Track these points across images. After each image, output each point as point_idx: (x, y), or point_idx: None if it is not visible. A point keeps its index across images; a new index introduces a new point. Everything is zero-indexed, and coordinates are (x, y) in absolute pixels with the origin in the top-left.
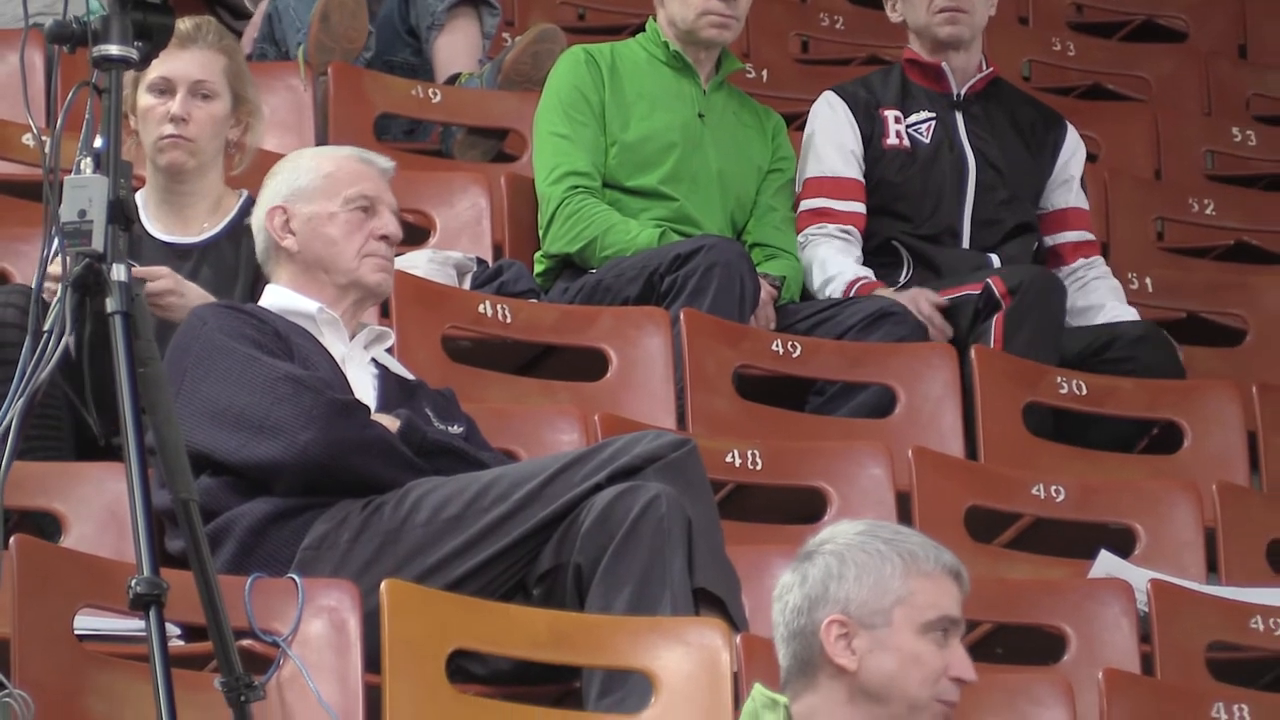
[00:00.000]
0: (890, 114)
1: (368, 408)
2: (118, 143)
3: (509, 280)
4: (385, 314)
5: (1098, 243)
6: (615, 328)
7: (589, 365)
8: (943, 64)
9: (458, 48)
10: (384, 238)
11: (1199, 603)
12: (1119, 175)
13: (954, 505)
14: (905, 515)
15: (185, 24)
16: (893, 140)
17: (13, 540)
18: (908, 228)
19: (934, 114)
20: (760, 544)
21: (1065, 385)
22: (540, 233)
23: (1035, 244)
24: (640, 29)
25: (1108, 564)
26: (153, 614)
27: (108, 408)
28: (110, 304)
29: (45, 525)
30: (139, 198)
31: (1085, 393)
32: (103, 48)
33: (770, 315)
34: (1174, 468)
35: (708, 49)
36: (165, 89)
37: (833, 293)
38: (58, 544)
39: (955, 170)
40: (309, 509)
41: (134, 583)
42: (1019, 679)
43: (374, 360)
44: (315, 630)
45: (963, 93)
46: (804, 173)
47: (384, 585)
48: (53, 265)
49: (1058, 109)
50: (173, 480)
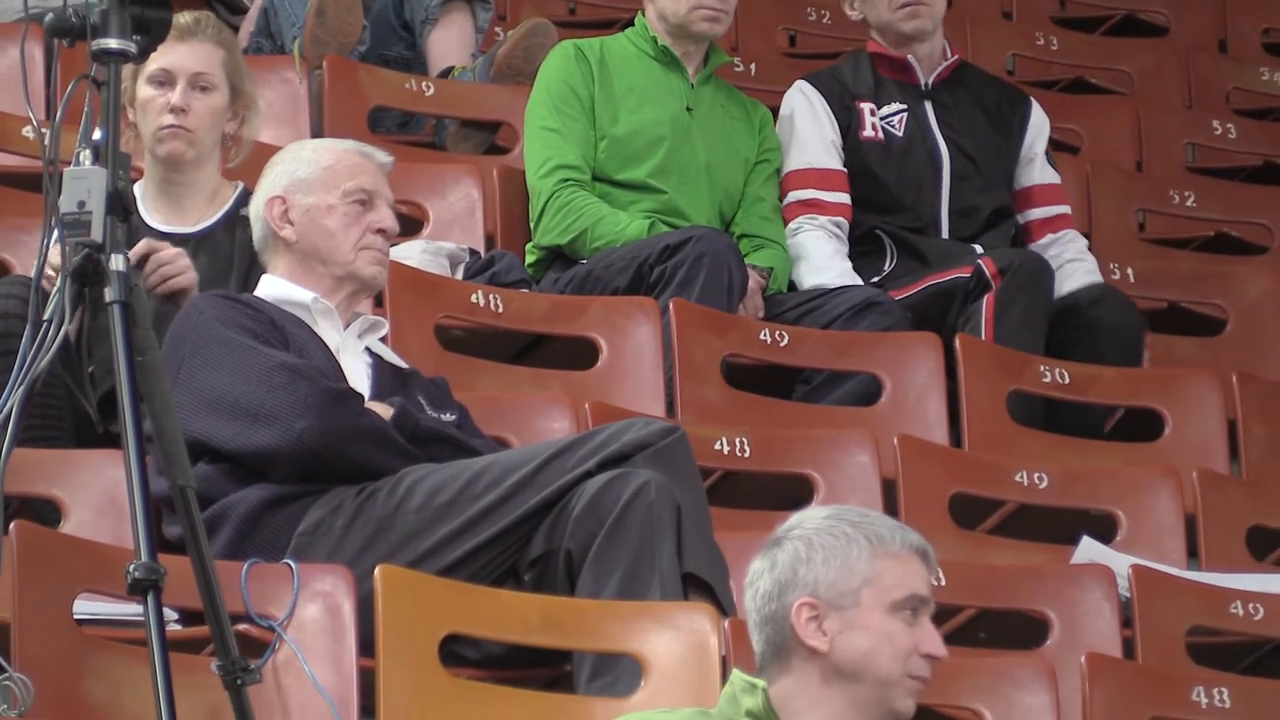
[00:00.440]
0: (865, 106)
1: (362, 396)
2: (116, 135)
3: (501, 271)
4: (379, 304)
5: (1068, 216)
6: (605, 317)
7: (579, 354)
8: (908, 56)
9: (451, 42)
10: (381, 231)
11: (1179, 588)
12: (1101, 167)
13: (939, 492)
14: (890, 502)
15: (185, 18)
16: (869, 133)
17: (13, 526)
18: (888, 219)
19: (905, 105)
20: (748, 530)
21: (1049, 374)
22: (531, 225)
23: (1013, 229)
24: (630, 23)
25: (1090, 550)
26: (150, 599)
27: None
28: (109, 293)
29: (45, 511)
30: (137, 189)
31: (1068, 381)
32: (101, 41)
33: (759, 304)
34: (1155, 455)
35: (697, 42)
36: (165, 80)
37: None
38: (57, 530)
39: (930, 162)
40: (304, 496)
41: (132, 568)
42: (1002, 663)
43: (368, 349)
44: (310, 615)
45: (930, 81)
46: (788, 164)
47: (378, 570)
48: (52, 254)
49: (1041, 102)
50: (170, 467)
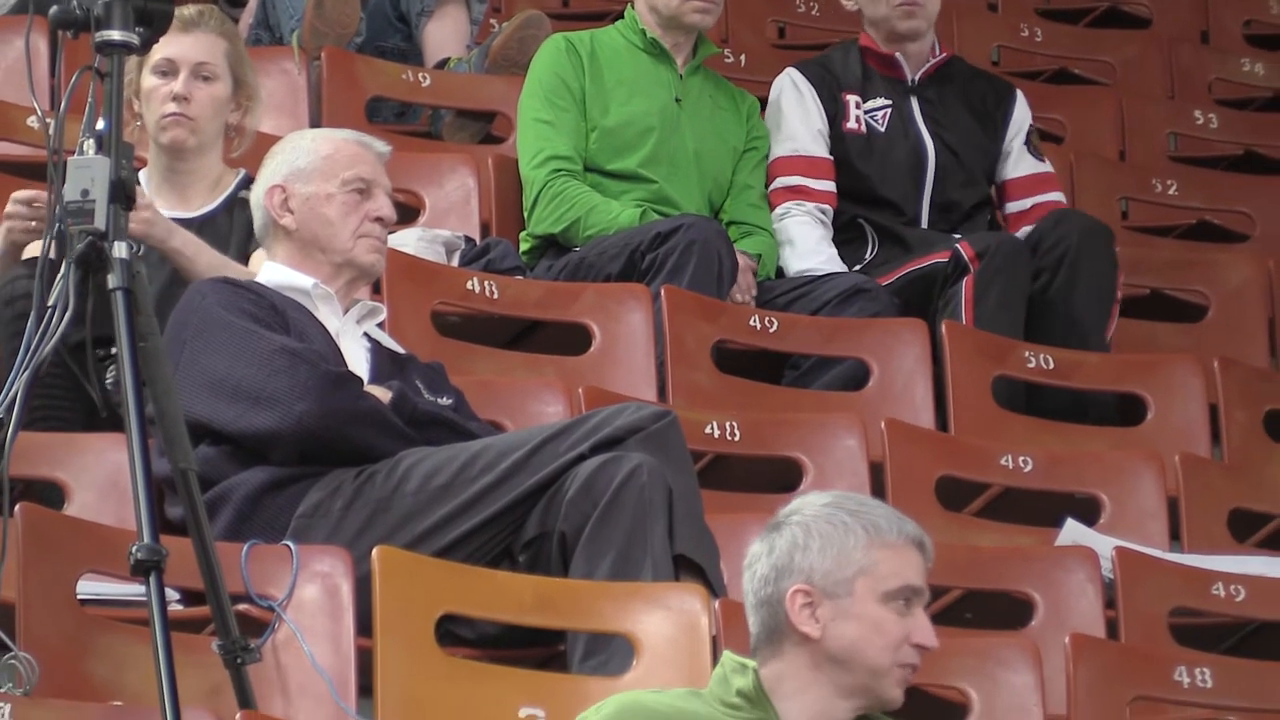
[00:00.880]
0: (851, 98)
1: (361, 379)
2: (119, 125)
3: (496, 258)
4: (377, 290)
5: (1047, 203)
6: (598, 304)
7: (573, 340)
8: (897, 54)
9: (446, 34)
10: (379, 219)
11: (1162, 570)
12: (1085, 157)
13: (925, 475)
14: (878, 485)
15: (189, 10)
16: (852, 125)
17: (17, 508)
18: (869, 210)
19: (890, 101)
20: (738, 512)
21: (1033, 359)
22: (525, 214)
23: (988, 220)
24: (623, 16)
25: (1074, 532)
26: (153, 579)
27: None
28: (112, 280)
29: (49, 494)
30: (141, 176)
31: (1052, 366)
32: (105, 33)
33: (750, 282)
34: (1138, 439)
35: (687, 34)
36: (168, 70)
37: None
38: (61, 512)
39: (913, 157)
40: (303, 478)
41: (135, 549)
42: (988, 643)
43: (366, 334)
44: (309, 595)
45: (916, 78)
46: (775, 150)
47: (375, 552)
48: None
49: (1026, 93)
50: (172, 450)
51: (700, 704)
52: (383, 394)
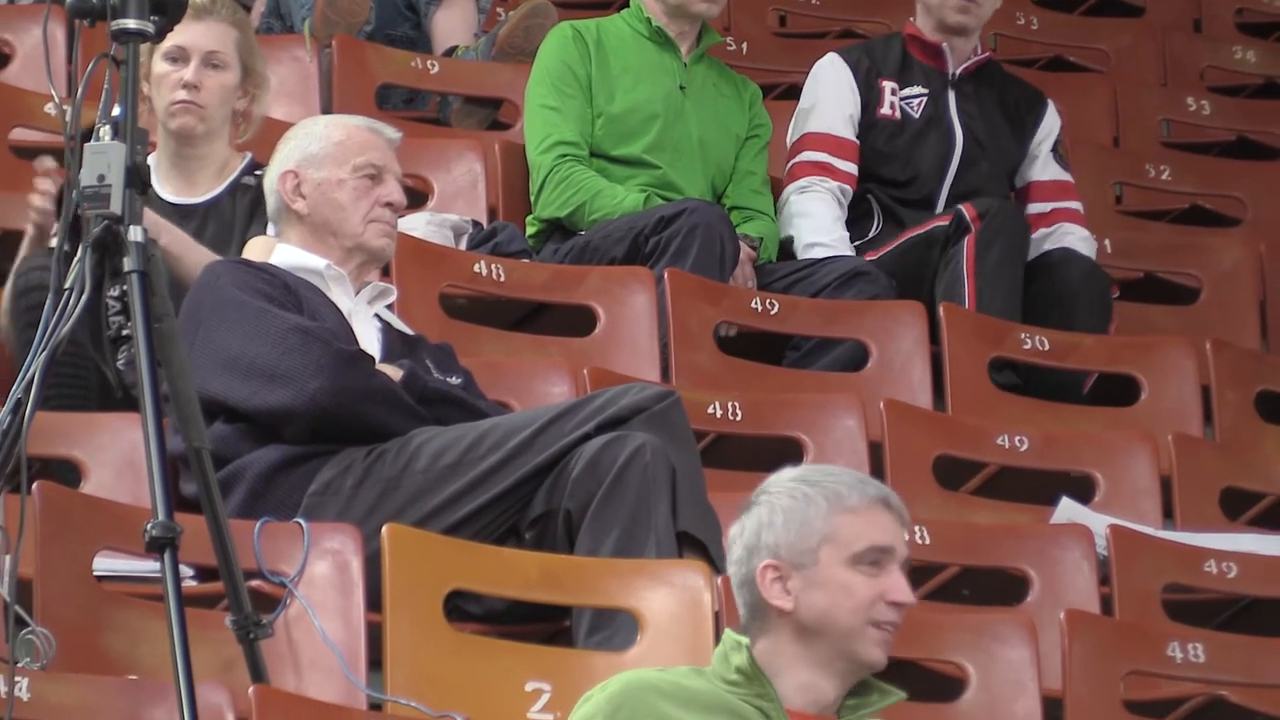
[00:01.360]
0: (888, 85)
1: (373, 358)
2: (135, 111)
3: (503, 241)
4: (386, 273)
5: (1069, 210)
6: (603, 286)
7: (578, 322)
8: (943, 44)
9: (454, 22)
10: (389, 204)
11: (1155, 547)
12: (1080, 143)
13: (923, 454)
14: (877, 464)
15: None
16: (886, 110)
17: (35, 486)
18: (885, 189)
19: (928, 90)
20: (740, 491)
21: (1029, 341)
22: (531, 198)
23: None
24: (626, 4)
25: (1069, 510)
26: (167, 556)
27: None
28: (127, 263)
29: (66, 472)
30: (150, 161)
31: (1048, 348)
32: (121, 22)
33: (750, 274)
34: (1131, 419)
35: (692, 22)
36: (179, 57)
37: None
38: (78, 490)
39: (942, 145)
40: (315, 456)
41: (150, 526)
42: (985, 619)
43: (377, 315)
44: (320, 572)
45: (957, 72)
46: (806, 126)
47: (385, 529)
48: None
49: (1032, 85)
50: (186, 429)
51: (703, 681)
52: (394, 372)
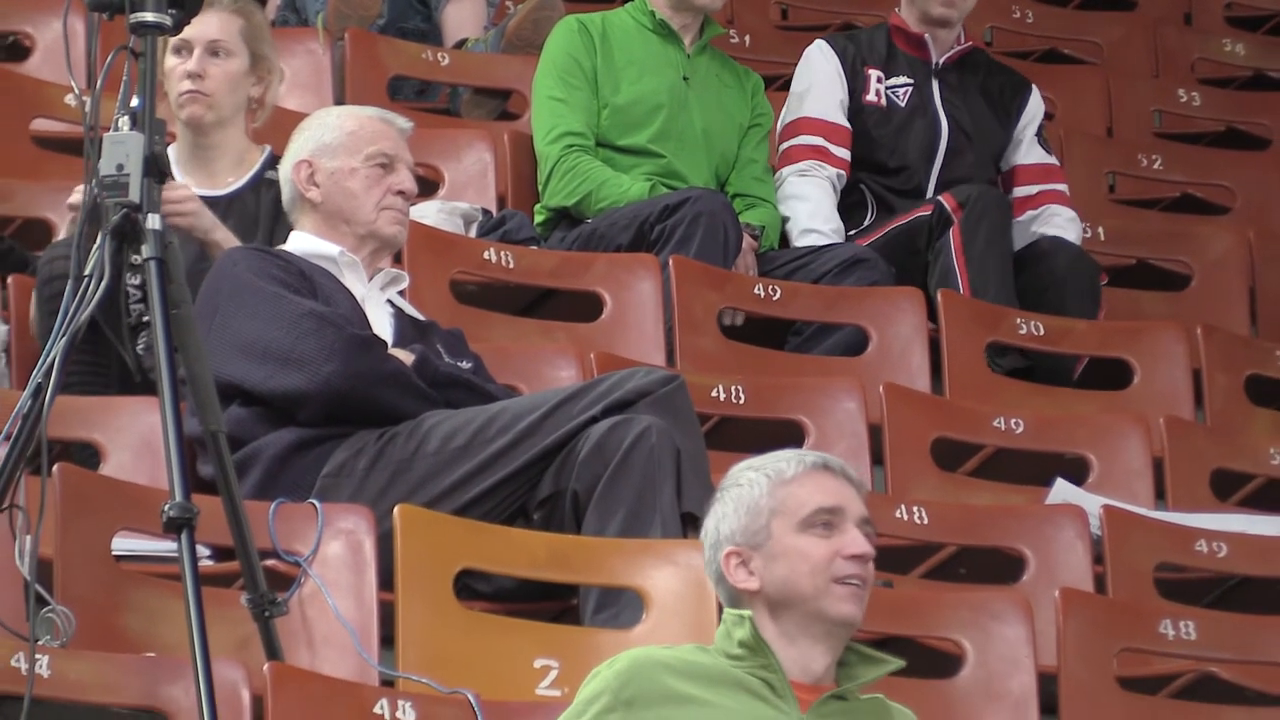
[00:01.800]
0: (874, 73)
1: (385, 342)
2: (153, 102)
3: (511, 229)
4: (398, 259)
5: (1054, 192)
6: (609, 273)
7: (585, 307)
8: (926, 35)
9: (465, 15)
10: (401, 193)
11: (1148, 527)
12: (1073, 133)
13: (921, 436)
14: (876, 446)
15: None
16: (871, 98)
17: (55, 468)
18: (877, 179)
19: (912, 80)
20: None
21: (1024, 326)
22: (539, 187)
23: None
24: None
25: (1063, 491)
26: (184, 536)
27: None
28: (146, 251)
29: (85, 454)
30: (170, 153)
31: (1043, 333)
32: (139, 15)
33: (751, 263)
34: (1124, 402)
35: (695, 15)
36: (183, 48)
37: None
38: (97, 472)
39: (928, 134)
40: (329, 439)
41: (167, 507)
42: (981, 597)
43: (390, 301)
44: (334, 551)
45: (940, 61)
46: (799, 111)
47: (397, 510)
48: (73, 197)
49: (1017, 71)
50: (202, 413)
51: (708, 658)
52: (406, 357)
